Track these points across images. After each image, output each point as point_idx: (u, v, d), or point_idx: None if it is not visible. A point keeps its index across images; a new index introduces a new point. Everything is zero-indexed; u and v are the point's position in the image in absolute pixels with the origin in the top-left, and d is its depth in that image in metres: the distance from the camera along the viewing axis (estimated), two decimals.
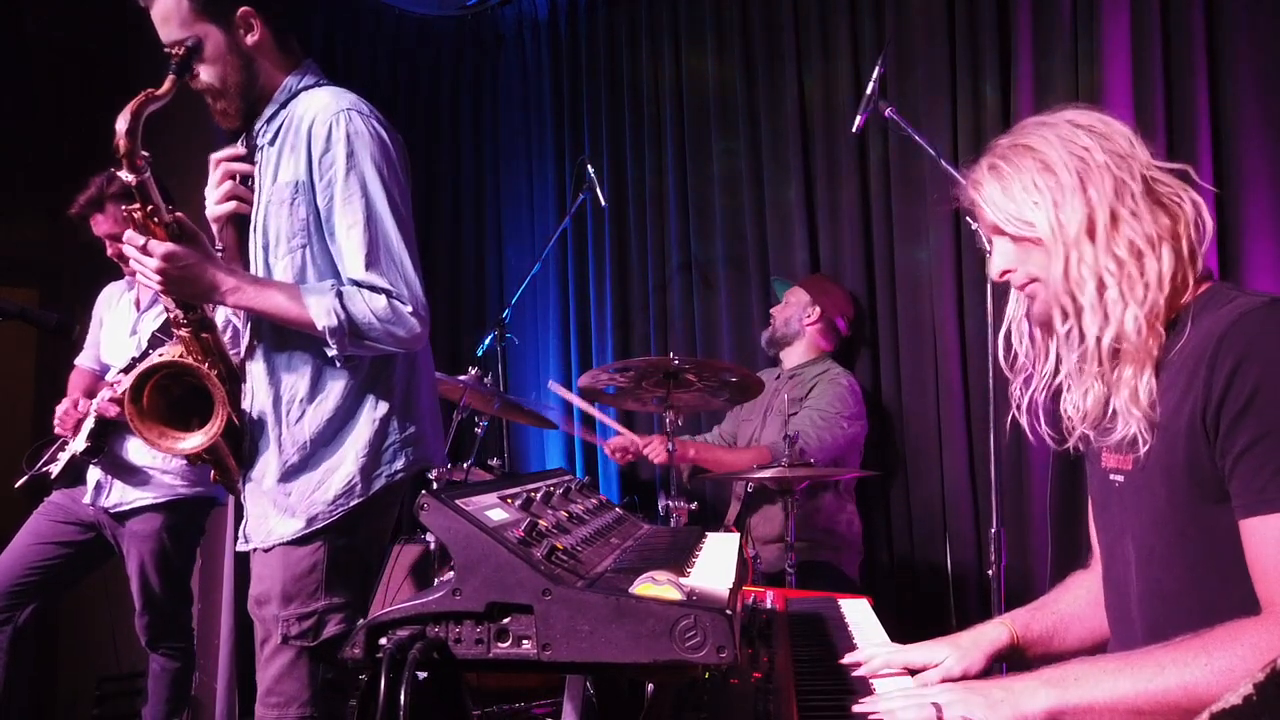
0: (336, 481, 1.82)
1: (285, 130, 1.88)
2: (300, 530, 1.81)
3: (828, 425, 3.23)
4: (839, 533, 3.32)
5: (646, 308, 4.21)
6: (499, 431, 4.15)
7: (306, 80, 1.93)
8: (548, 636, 1.01)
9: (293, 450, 1.83)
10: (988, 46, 3.34)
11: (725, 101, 4.02)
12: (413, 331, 1.79)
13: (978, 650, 1.41)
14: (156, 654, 3.05)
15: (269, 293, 1.78)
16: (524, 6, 4.60)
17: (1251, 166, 2.89)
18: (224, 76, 1.86)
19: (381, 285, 1.78)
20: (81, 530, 2.99)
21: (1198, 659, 1.05)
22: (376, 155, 1.81)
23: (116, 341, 3.06)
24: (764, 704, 1.17)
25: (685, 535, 1.67)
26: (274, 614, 1.80)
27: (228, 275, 1.78)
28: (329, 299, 1.75)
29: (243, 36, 1.85)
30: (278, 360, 1.86)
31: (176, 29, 1.82)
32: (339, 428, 1.83)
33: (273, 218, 1.86)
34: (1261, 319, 1.12)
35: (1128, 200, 1.21)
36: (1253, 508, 1.10)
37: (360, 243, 1.78)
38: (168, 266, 1.73)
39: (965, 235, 3.26)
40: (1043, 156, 1.25)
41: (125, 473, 2.94)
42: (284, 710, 1.78)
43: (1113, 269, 1.20)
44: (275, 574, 1.81)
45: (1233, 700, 0.79)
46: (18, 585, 2.89)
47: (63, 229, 3.11)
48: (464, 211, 4.66)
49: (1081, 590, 1.45)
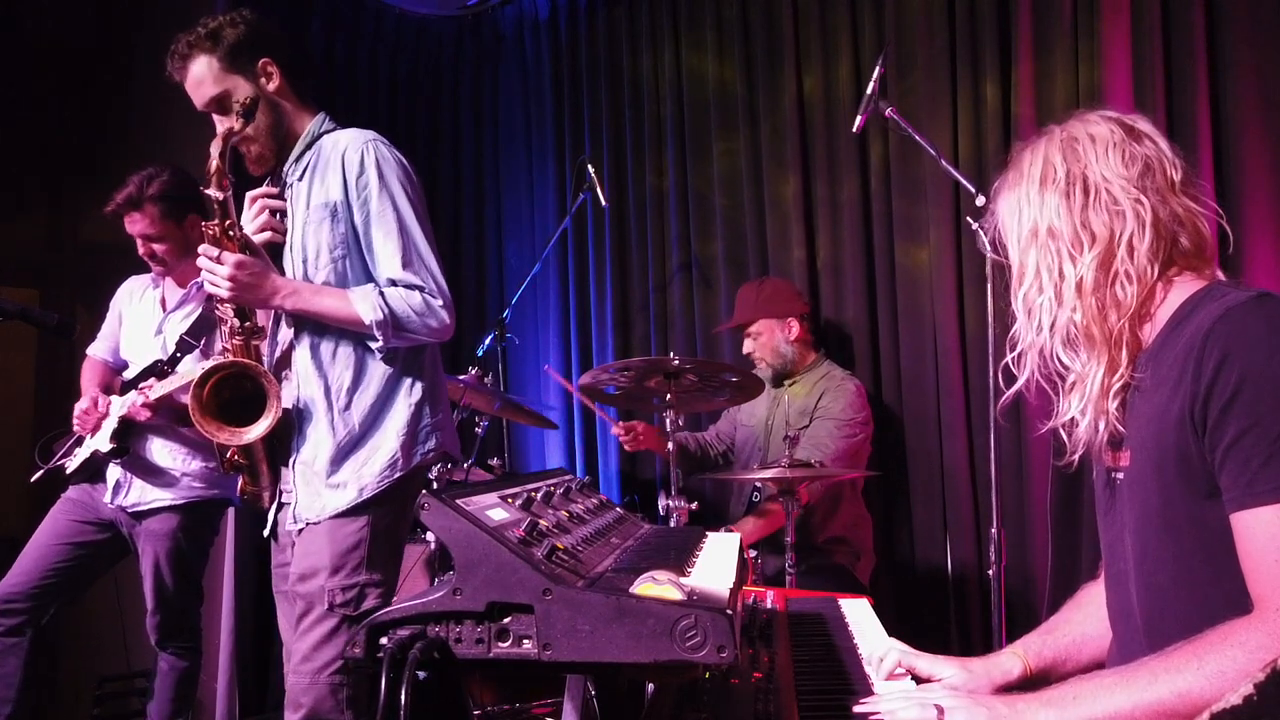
0: (381, 458, 2.07)
1: (313, 167, 2.16)
2: (352, 500, 2.04)
3: (843, 434, 3.22)
4: (857, 539, 3.31)
5: (646, 307, 4.21)
6: (499, 431, 4.16)
7: (327, 125, 2.23)
8: (548, 636, 1.01)
9: (344, 433, 2.08)
10: (988, 46, 3.34)
11: (725, 101, 4.02)
12: (443, 322, 2.10)
13: (987, 679, 1.41)
14: (165, 653, 3.05)
15: (321, 296, 2.06)
16: (524, 6, 4.60)
17: (1252, 166, 2.89)
18: (257, 123, 2.12)
19: (416, 282, 2.08)
20: (98, 530, 3.00)
21: (1189, 664, 1.06)
22: (401, 176, 2.13)
23: (139, 339, 3.05)
24: (764, 704, 1.17)
25: (685, 535, 1.67)
26: (320, 585, 2.01)
27: (286, 282, 2.07)
28: (373, 297, 2.03)
29: (265, 85, 2.14)
30: (323, 355, 2.11)
31: (211, 87, 2.12)
32: (381, 411, 2.10)
33: (310, 236, 2.12)
34: (1246, 314, 1.14)
35: (1075, 212, 1.27)
36: (1241, 501, 1.11)
37: (396, 248, 2.08)
38: (239, 274, 2.00)
39: (965, 235, 3.26)
40: (1020, 171, 1.34)
41: (148, 473, 2.95)
42: (318, 675, 1.98)
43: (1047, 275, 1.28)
44: (323, 548, 2.03)
45: (1233, 700, 0.79)
46: (41, 586, 2.88)
47: (63, 229, 3.10)
48: (464, 211, 4.66)
49: (1092, 607, 1.45)
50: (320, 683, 1.98)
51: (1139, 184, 1.25)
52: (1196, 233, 1.27)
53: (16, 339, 3.96)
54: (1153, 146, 1.28)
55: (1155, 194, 1.25)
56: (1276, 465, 1.08)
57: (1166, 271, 1.26)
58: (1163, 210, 1.25)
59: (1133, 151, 1.27)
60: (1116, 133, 1.28)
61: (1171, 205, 1.26)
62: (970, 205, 2.76)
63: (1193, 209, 1.27)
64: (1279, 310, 1.13)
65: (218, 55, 2.11)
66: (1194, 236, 1.27)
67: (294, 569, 2.09)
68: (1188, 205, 1.26)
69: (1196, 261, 1.27)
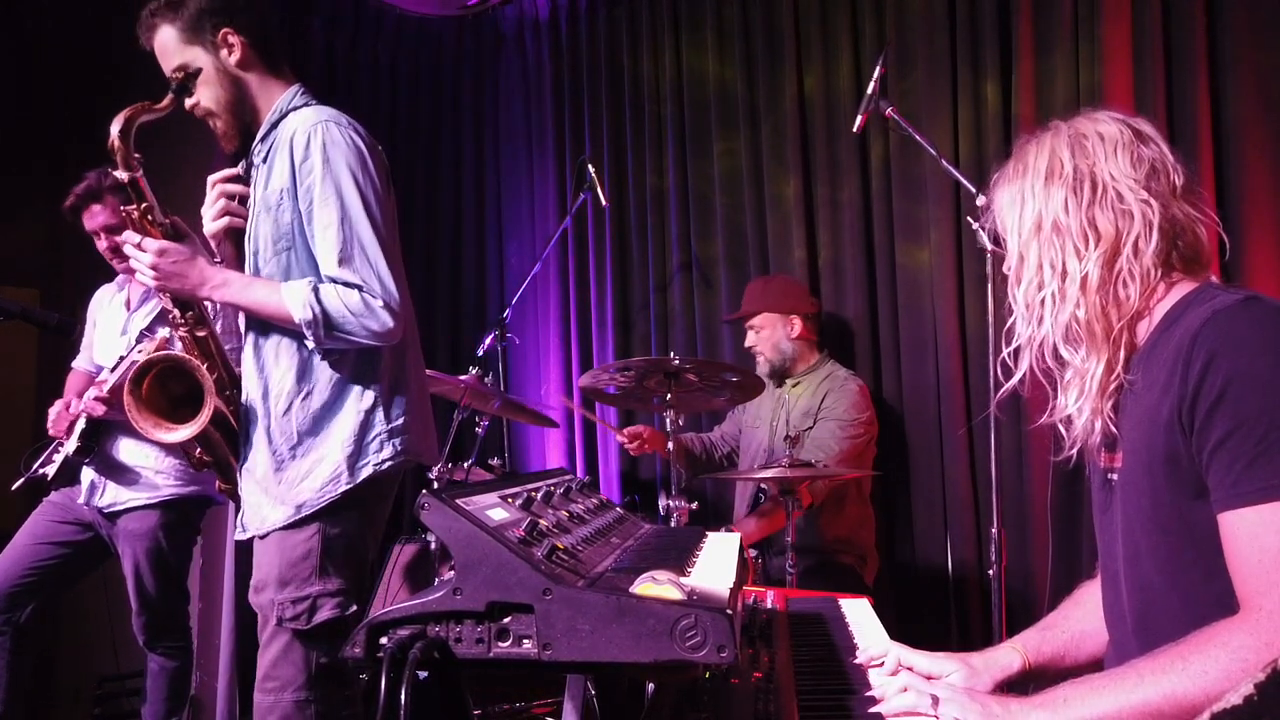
0: (324, 470, 1.91)
1: (273, 148, 2.00)
2: (290, 516, 1.89)
3: (847, 434, 3.22)
4: (861, 540, 3.31)
5: (647, 307, 4.21)
6: (499, 431, 4.15)
7: (296, 101, 2.05)
8: (548, 636, 1.01)
9: (282, 440, 1.93)
10: (988, 46, 3.34)
11: (726, 101, 4.02)
12: (385, 325, 1.88)
13: (987, 674, 1.42)
14: (155, 653, 3.04)
15: (252, 288, 1.92)
16: (524, 6, 4.60)
17: (1252, 167, 2.89)
18: (216, 97, 2.01)
19: (354, 281, 1.88)
20: (79, 530, 2.99)
21: (1174, 666, 1.07)
22: (352, 162, 1.92)
23: (108, 342, 3.06)
24: (764, 704, 1.17)
25: (686, 535, 1.67)
26: (270, 598, 1.88)
27: (216, 272, 1.93)
28: (305, 293, 1.86)
29: (226, 57, 2.00)
30: (266, 355, 1.97)
31: (173, 58, 2.00)
32: (325, 419, 1.94)
33: (262, 225, 1.99)
34: (1233, 316, 1.14)
35: (1083, 208, 1.26)
36: (1226, 502, 1.11)
37: (335, 241, 1.89)
38: (160, 261, 1.88)
39: (966, 234, 3.25)
40: (1024, 163, 1.33)
41: (117, 473, 2.93)
42: (280, 694, 1.87)
43: (1050, 270, 1.28)
44: (272, 560, 1.90)
45: (1233, 700, 0.80)
46: (17, 586, 2.89)
47: (63, 229, 3.10)
48: (464, 211, 4.66)
49: (1091, 604, 1.45)
50: (284, 702, 1.86)
51: (1146, 186, 1.26)
52: (1195, 238, 1.28)
53: (16, 339, 3.96)
54: (1158, 150, 1.28)
55: (1160, 197, 1.26)
56: (1261, 466, 1.08)
57: (1167, 275, 1.26)
58: (1167, 214, 1.25)
59: (1140, 153, 1.27)
60: (1125, 133, 1.29)
61: (1174, 210, 1.26)
62: (971, 205, 2.76)
63: (1193, 215, 1.27)
64: (1266, 313, 1.14)
65: (178, 25, 1.99)
66: (1193, 242, 1.27)
67: (253, 577, 1.96)
68: (1188, 211, 1.27)
69: (1194, 266, 1.28)
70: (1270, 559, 1.07)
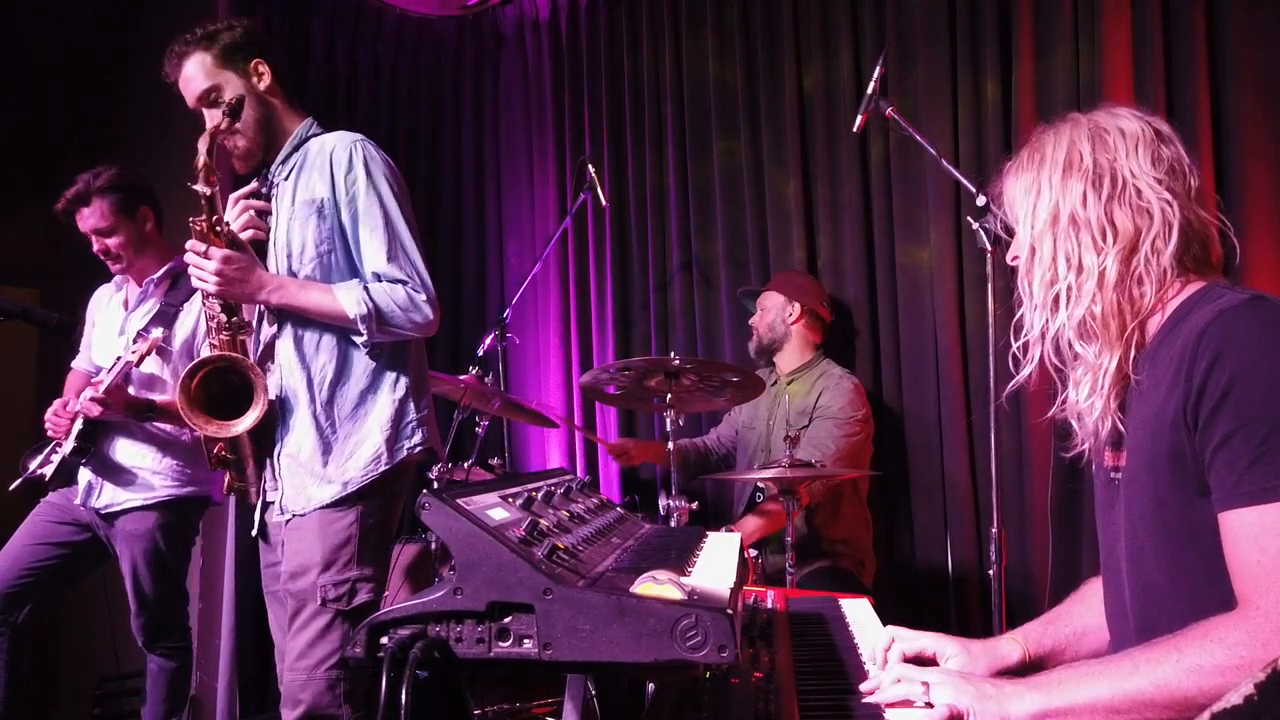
0: (366, 450, 2.11)
1: (300, 167, 2.21)
2: (338, 494, 2.07)
3: (843, 433, 3.22)
4: (859, 541, 3.31)
5: (647, 307, 4.21)
6: (499, 431, 4.15)
7: (315, 129, 2.28)
8: (549, 636, 1.01)
9: (327, 425, 2.12)
10: (988, 46, 3.34)
11: (725, 101, 4.02)
12: (427, 317, 2.12)
13: (984, 661, 1.43)
14: (154, 654, 3.03)
15: (307, 291, 2.10)
16: (524, 6, 4.59)
17: (1252, 167, 2.89)
18: (248, 117, 2.19)
19: (399, 277, 2.11)
20: (77, 530, 2.99)
21: (1169, 657, 1.08)
22: (388, 175, 2.16)
23: (106, 342, 3.06)
24: (765, 703, 1.17)
25: (686, 535, 1.67)
26: (313, 581, 2.03)
27: (271, 277, 2.11)
28: (358, 291, 2.07)
29: (256, 83, 2.21)
30: (307, 348, 2.15)
31: (202, 81, 2.18)
32: (364, 405, 2.14)
33: (296, 232, 2.16)
34: (1239, 316, 1.14)
35: (1102, 203, 1.25)
36: (1227, 501, 1.11)
37: (381, 242, 2.11)
38: (226, 269, 2.04)
39: (966, 234, 3.26)
40: (1040, 153, 1.31)
41: (114, 473, 2.93)
42: (314, 671, 2.00)
43: (1065, 264, 1.27)
44: (313, 545, 2.06)
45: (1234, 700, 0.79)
46: (14, 587, 2.88)
47: (63, 229, 3.10)
48: (465, 211, 4.66)
49: (1095, 600, 1.45)
50: (317, 678, 2.00)
51: (1167, 185, 1.25)
52: (1208, 241, 1.28)
53: (16, 339, 3.96)
54: (1176, 151, 1.28)
55: (1179, 197, 1.25)
56: (1262, 466, 1.08)
57: (1182, 275, 1.26)
58: (1185, 215, 1.25)
59: (1160, 152, 1.27)
60: (1147, 131, 1.28)
61: (1189, 212, 1.26)
62: (971, 205, 2.76)
63: (1205, 219, 1.27)
64: (1272, 313, 1.14)
65: (213, 53, 2.18)
66: (1205, 244, 1.28)
67: (285, 567, 2.10)
68: (1201, 214, 1.27)
69: (1205, 268, 1.28)
70: (1270, 559, 1.07)
